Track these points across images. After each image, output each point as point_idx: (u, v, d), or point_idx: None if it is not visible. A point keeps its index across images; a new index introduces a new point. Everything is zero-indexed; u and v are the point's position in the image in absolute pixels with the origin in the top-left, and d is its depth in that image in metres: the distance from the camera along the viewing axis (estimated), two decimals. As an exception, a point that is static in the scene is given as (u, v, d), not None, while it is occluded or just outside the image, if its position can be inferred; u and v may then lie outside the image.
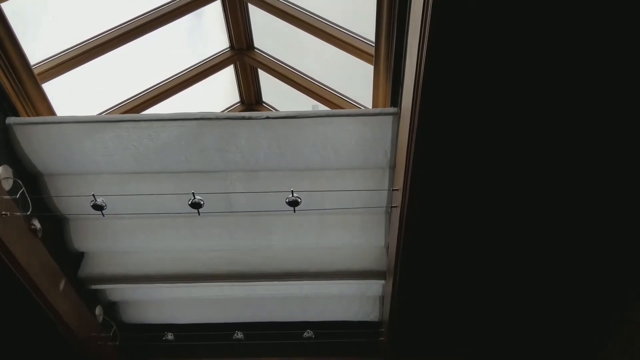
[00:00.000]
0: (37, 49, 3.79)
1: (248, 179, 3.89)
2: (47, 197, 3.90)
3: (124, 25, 4.21)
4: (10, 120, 3.57)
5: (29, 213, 3.50)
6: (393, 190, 3.51)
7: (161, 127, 3.60)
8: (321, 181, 3.86)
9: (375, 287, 4.57)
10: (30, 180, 3.81)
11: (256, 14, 4.72)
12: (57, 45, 3.99)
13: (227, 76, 5.41)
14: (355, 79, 4.42)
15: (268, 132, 3.61)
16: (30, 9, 3.74)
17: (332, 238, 4.18)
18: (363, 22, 3.83)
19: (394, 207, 3.49)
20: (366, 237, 4.19)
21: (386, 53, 3.45)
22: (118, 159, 3.75)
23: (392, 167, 3.74)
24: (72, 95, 4.27)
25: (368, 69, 3.89)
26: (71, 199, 3.88)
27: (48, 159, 3.76)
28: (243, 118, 3.60)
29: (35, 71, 3.71)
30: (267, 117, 3.58)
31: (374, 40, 3.56)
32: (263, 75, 5.34)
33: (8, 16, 3.33)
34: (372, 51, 3.76)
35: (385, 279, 4.31)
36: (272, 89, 5.50)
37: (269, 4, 4.39)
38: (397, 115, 3.45)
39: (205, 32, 5.06)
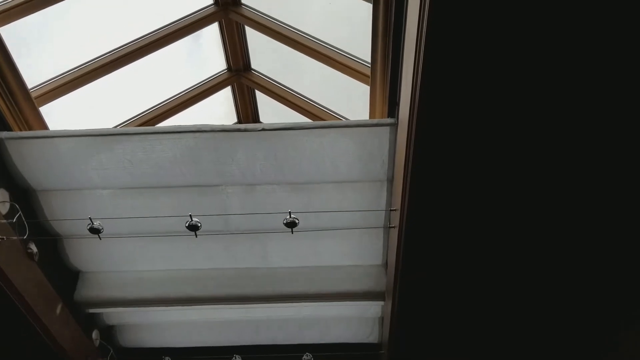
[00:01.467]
0: (35, 72, 3.81)
1: (245, 193, 3.85)
2: (44, 220, 3.88)
3: (123, 48, 4.24)
4: (3, 134, 3.52)
5: (25, 237, 3.48)
6: (391, 210, 3.50)
7: (156, 140, 3.55)
8: (319, 195, 3.83)
9: (374, 309, 4.54)
10: (23, 196, 3.77)
11: (253, 36, 4.75)
12: (55, 68, 4.01)
13: (224, 97, 5.43)
14: (351, 99, 4.44)
15: (264, 144, 3.57)
16: (31, 32, 3.76)
17: (330, 254, 4.15)
18: (358, 43, 3.86)
19: (392, 227, 3.48)
20: (365, 253, 4.16)
21: (382, 74, 3.47)
22: (112, 174, 3.69)
23: (390, 179, 3.71)
24: (69, 118, 4.28)
25: (364, 89, 3.91)
26: (65, 214, 3.84)
27: (40, 175, 3.70)
28: (239, 130, 3.56)
29: (33, 94, 3.73)
30: (263, 129, 3.54)
31: (369, 61, 3.59)
32: (260, 96, 5.37)
33: (10, 38, 3.36)
34: (368, 72, 3.78)
35: (384, 300, 4.27)
36: (269, 110, 5.52)
37: (265, 26, 4.42)
38: (394, 126, 3.43)
39: (202, 54, 5.09)
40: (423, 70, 2.38)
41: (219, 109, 5.55)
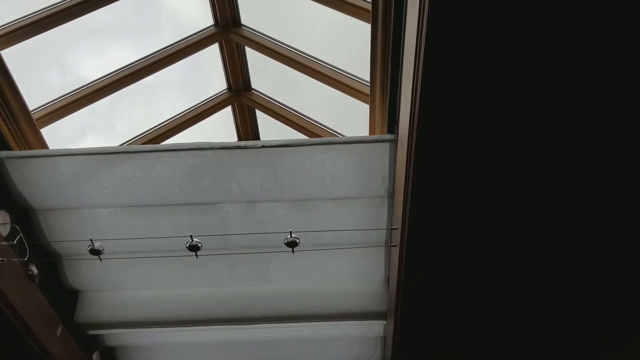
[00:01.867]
0: (37, 93, 3.84)
1: (245, 210, 3.83)
2: (44, 242, 3.87)
3: (124, 69, 4.27)
4: (2, 154, 3.52)
5: (26, 259, 3.47)
6: (392, 229, 3.49)
7: (155, 158, 3.55)
8: (319, 212, 3.81)
9: (376, 328, 4.50)
10: (22, 215, 3.76)
11: (253, 56, 4.79)
12: (56, 90, 4.04)
13: (225, 117, 5.45)
14: (351, 118, 4.46)
15: (264, 161, 3.56)
16: (32, 54, 3.80)
17: (331, 272, 4.13)
18: (358, 63, 3.89)
19: (393, 246, 3.47)
20: (367, 270, 4.14)
21: (381, 92, 3.49)
22: (112, 193, 3.68)
23: (391, 195, 3.69)
24: (70, 139, 4.31)
25: (364, 107, 3.94)
26: (66, 237, 3.83)
27: (40, 194, 3.70)
28: (238, 147, 3.56)
29: (34, 116, 3.75)
30: (263, 146, 3.54)
31: (369, 80, 3.61)
32: (260, 115, 5.38)
33: (12, 60, 3.39)
34: (367, 91, 3.81)
35: (386, 319, 4.24)
36: (269, 128, 5.54)
37: (265, 47, 4.46)
38: (394, 142, 3.43)
39: (203, 74, 5.13)
40: (422, 89, 2.40)
41: (219, 129, 5.57)
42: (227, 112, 5.37)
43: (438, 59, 2.29)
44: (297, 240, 3.38)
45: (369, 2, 3.22)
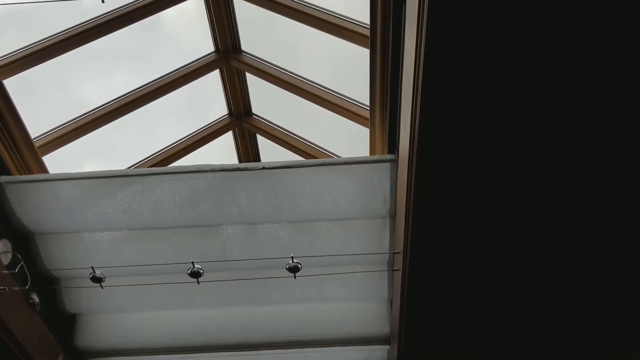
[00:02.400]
0: (38, 121, 3.87)
1: (245, 233, 3.80)
2: (44, 269, 3.85)
3: (125, 96, 4.31)
4: (2, 179, 3.52)
5: (27, 287, 3.46)
6: (394, 253, 3.48)
7: (155, 182, 3.54)
8: (321, 234, 3.78)
9: (379, 353, 4.44)
10: (22, 240, 3.74)
11: (253, 82, 4.83)
12: (58, 117, 4.07)
13: (226, 142, 5.48)
14: (351, 141, 4.48)
15: (264, 182, 3.55)
16: (34, 82, 3.84)
17: (334, 295, 4.08)
18: (357, 87, 3.92)
19: (396, 270, 3.45)
20: (369, 292, 4.09)
21: (381, 116, 3.52)
22: (111, 217, 3.67)
23: (393, 216, 3.67)
24: (71, 166, 4.33)
25: (364, 131, 3.96)
26: (65, 261, 3.81)
27: (39, 218, 3.69)
28: (238, 169, 3.55)
29: (36, 144, 3.77)
30: (263, 168, 3.53)
31: (368, 103, 3.64)
32: (261, 140, 5.41)
33: (14, 88, 3.43)
34: (367, 114, 3.83)
35: (390, 344, 4.20)
36: (270, 153, 5.56)
37: (265, 72, 4.51)
38: (394, 162, 3.41)
39: (204, 100, 5.17)
40: (421, 111, 2.42)
41: (221, 154, 5.60)
42: (228, 137, 5.40)
43: (436, 83, 2.31)
44: (299, 266, 3.37)
45: (368, 28, 3.26)
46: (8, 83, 3.44)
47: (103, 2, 2.49)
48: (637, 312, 3.58)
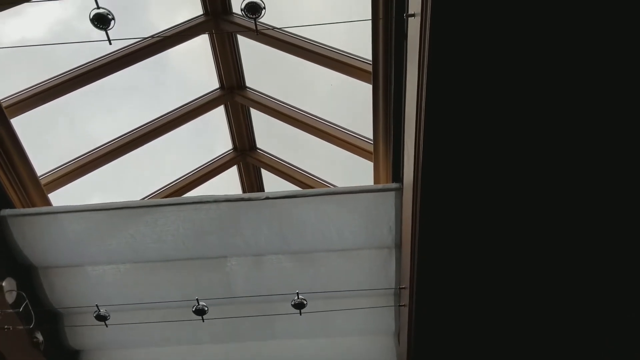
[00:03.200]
0: (44, 159, 3.90)
1: (250, 264, 3.76)
2: (49, 308, 3.83)
3: (131, 133, 4.35)
4: (5, 212, 3.51)
5: (31, 326, 3.44)
6: (400, 288, 3.44)
7: (158, 213, 3.53)
8: (325, 264, 3.73)
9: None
10: (23, 273, 3.71)
11: (258, 117, 4.88)
12: (64, 155, 4.11)
13: (231, 176, 5.50)
14: (356, 175, 4.49)
15: (268, 213, 3.53)
16: (41, 120, 3.88)
17: (340, 328, 4.01)
18: (361, 121, 3.95)
19: (402, 305, 3.41)
20: (375, 324, 4.01)
21: (385, 150, 3.53)
22: (115, 249, 3.64)
23: (398, 245, 3.63)
24: (76, 199, 4.33)
25: (368, 164, 3.97)
26: (68, 295, 3.77)
27: (43, 252, 3.67)
28: (242, 199, 3.53)
29: (42, 182, 3.79)
30: (267, 198, 3.51)
31: (371, 137, 3.66)
32: (266, 175, 5.43)
33: (20, 127, 3.47)
34: (370, 148, 3.85)
35: (398, 383, 4.12)
36: (275, 187, 5.57)
37: (269, 107, 4.55)
38: (399, 191, 3.40)
39: (208, 135, 5.21)
40: (424, 146, 2.43)
41: (225, 188, 5.61)
42: (233, 172, 5.42)
43: (439, 115, 2.33)
44: (304, 302, 3.33)
45: (370, 64, 3.30)
46: (15, 120, 3.49)
47: (110, 44, 2.53)
48: (637, 316, 3.51)
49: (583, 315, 3.51)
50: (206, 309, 3.34)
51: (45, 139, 4.21)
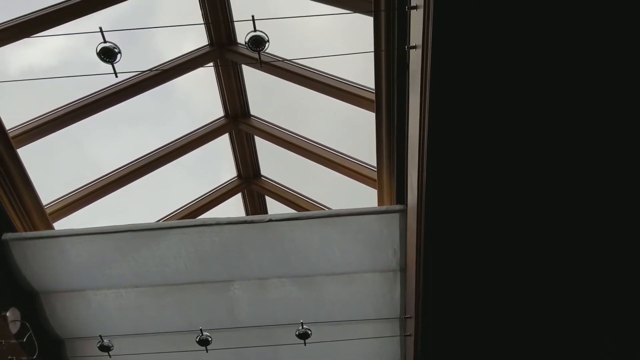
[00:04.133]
0: (49, 188, 3.92)
1: (253, 288, 3.72)
2: (54, 338, 3.81)
3: (137, 161, 4.38)
4: (7, 236, 3.49)
5: (35, 357, 3.42)
6: (406, 318, 3.41)
7: (161, 236, 3.51)
8: (329, 288, 3.69)
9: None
10: (26, 299, 3.69)
11: (262, 145, 4.91)
12: (70, 184, 4.13)
13: (235, 204, 5.51)
14: (359, 202, 4.47)
15: (271, 236, 3.50)
16: (46, 150, 3.91)
17: (344, 354, 3.96)
18: (364, 149, 3.97)
19: (408, 335, 3.37)
20: (381, 352, 3.96)
21: (388, 177, 3.54)
22: (117, 273, 3.62)
23: (403, 269, 3.58)
24: (80, 225, 4.33)
25: (372, 191, 3.97)
26: (70, 321, 3.74)
27: (44, 276, 3.64)
28: (245, 222, 3.51)
29: (47, 211, 3.81)
30: (270, 220, 3.48)
31: (375, 164, 3.67)
32: (270, 202, 5.44)
33: (26, 156, 3.49)
34: (374, 175, 3.85)
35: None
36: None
37: (273, 135, 4.58)
38: (403, 213, 3.37)
39: (213, 163, 5.24)
40: (428, 172, 2.44)
41: (230, 215, 5.60)
42: (237, 199, 5.43)
43: (441, 142, 2.36)
44: (309, 332, 3.30)
45: (373, 92, 3.33)
46: (22, 149, 3.52)
47: (117, 77, 2.57)
48: (637, 316, 3.45)
49: (584, 316, 3.47)
50: (210, 339, 3.31)
51: (52, 167, 4.24)
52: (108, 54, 2.48)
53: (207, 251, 3.57)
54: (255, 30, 2.53)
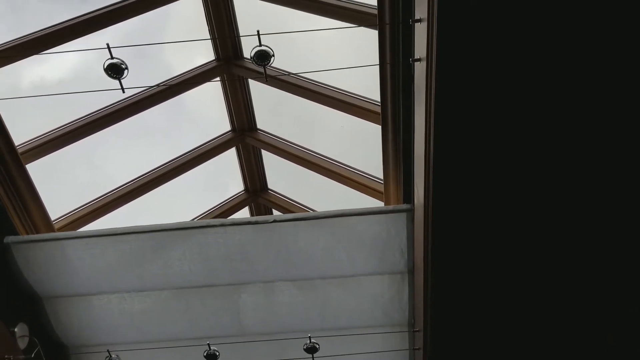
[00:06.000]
0: (58, 203, 3.94)
1: (258, 291, 3.67)
2: (57, 343, 3.78)
3: (144, 176, 4.40)
4: (9, 239, 3.44)
5: (42, 372, 3.42)
6: (414, 331, 3.38)
7: (165, 238, 3.47)
8: (335, 291, 3.62)
9: None
10: (29, 304, 3.66)
11: (269, 158, 4.93)
12: (78, 199, 4.15)
13: (243, 217, 5.52)
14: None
15: (276, 237, 3.44)
16: (55, 165, 3.94)
17: None
18: (371, 161, 3.97)
19: (417, 349, 3.34)
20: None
21: (395, 191, 3.53)
22: (120, 277, 3.58)
23: (411, 270, 3.49)
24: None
25: (379, 204, 3.96)
26: (74, 327, 3.72)
27: (47, 280, 3.59)
28: (249, 223, 3.45)
29: (56, 226, 3.83)
30: (275, 221, 3.43)
31: (382, 176, 3.67)
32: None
33: (35, 171, 3.52)
34: (381, 188, 3.85)
35: None
36: (287, 227, 5.57)
37: (280, 149, 4.60)
38: (410, 212, 3.32)
39: (220, 177, 5.26)
40: (434, 186, 2.44)
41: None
42: (244, 213, 5.44)
43: (448, 154, 2.35)
44: (317, 346, 3.27)
45: (379, 105, 3.34)
46: (30, 165, 3.55)
47: (123, 92, 2.59)
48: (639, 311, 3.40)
49: (586, 313, 3.43)
50: (217, 353, 3.30)
51: (60, 181, 4.26)
52: (115, 70, 2.51)
53: (212, 253, 3.52)
54: (260, 44, 2.55)
